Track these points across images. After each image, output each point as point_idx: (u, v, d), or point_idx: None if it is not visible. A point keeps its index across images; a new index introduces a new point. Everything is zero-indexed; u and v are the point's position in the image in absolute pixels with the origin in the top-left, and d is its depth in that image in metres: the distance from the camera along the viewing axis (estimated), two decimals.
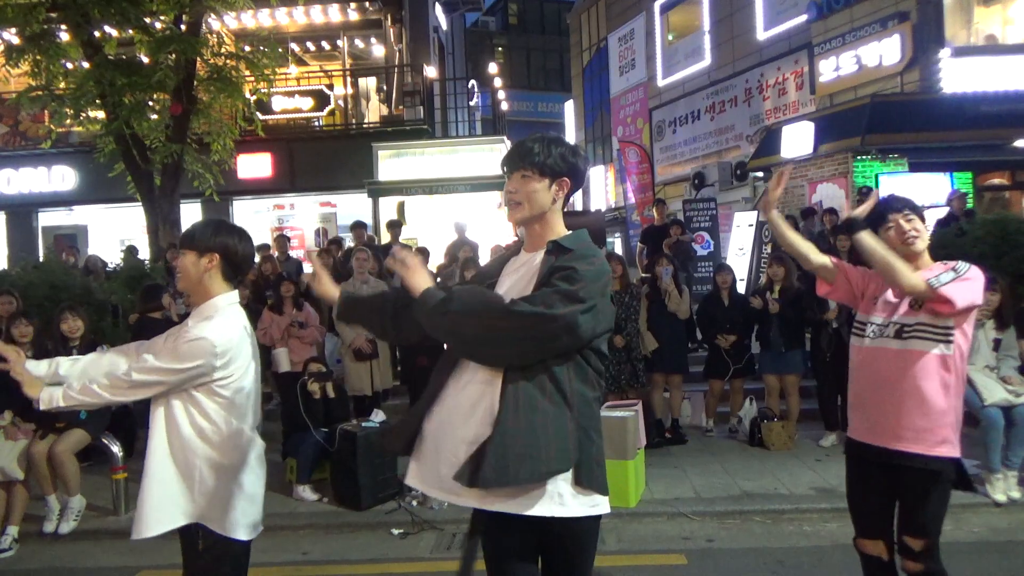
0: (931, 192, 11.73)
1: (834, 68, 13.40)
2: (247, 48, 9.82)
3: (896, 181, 11.82)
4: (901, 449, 2.73)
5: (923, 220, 2.88)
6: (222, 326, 2.49)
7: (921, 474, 2.72)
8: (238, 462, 2.54)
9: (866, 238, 2.78)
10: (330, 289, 2.53)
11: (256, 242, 12.14)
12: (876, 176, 11.87)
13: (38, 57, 8.84)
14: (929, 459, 2.70)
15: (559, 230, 2.31)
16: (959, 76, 11.75)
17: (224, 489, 2.50)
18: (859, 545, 2.96)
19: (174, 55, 8.79)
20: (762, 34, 16.61)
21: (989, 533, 4.68)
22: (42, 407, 2.46)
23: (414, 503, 5.42)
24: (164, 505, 2.47)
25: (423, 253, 8.61)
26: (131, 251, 9.89)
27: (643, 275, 8.86)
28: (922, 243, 2.82)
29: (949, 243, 7.45)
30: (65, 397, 2.45)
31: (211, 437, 2.48)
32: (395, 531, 5.09)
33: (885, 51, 12.46)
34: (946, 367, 2.71)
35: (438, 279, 8.29)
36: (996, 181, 12.84)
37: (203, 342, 2.41)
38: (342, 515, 5.39)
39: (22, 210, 14.50)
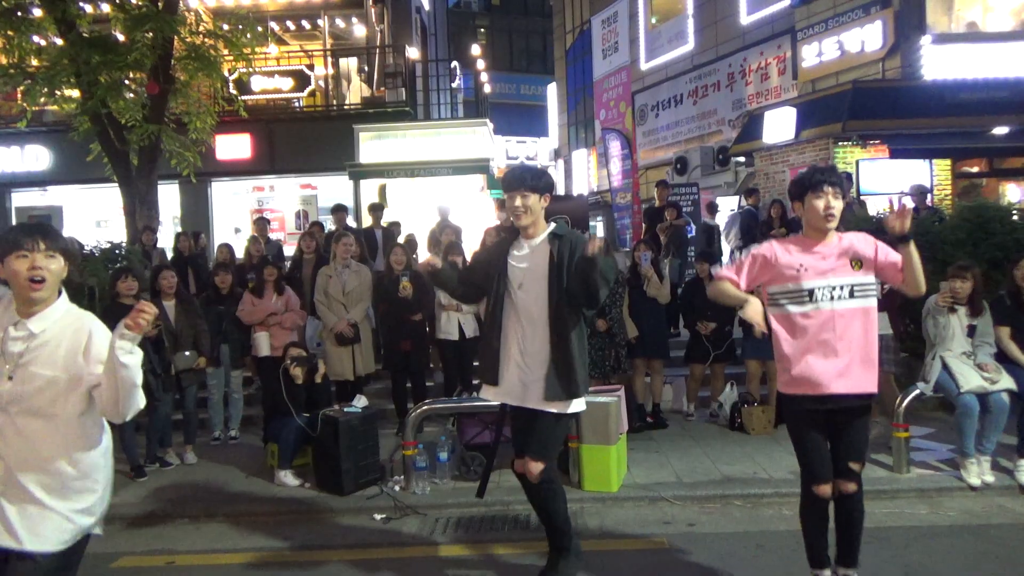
0: (910, 178, 11.84)
1: (816, 53, 13.44)
2: (225, 26, 9.64)
3: (876, 167, 11.91)
4: (862, 391, 3.26)
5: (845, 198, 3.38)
6: None
7: (866, 407, 3.35)
8: None
9: (913, 251, 3.20)
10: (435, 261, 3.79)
11: (236, 224, 11.87)
12: (856, 162, 11.95)
13: (10, 33, 8.64)
14: (872, 394, 3.32)
15: (545, 224, 3.70)
16: (940, 63, 11.82)
17: None
18: (819, 492, 3.32)
19: (151, 33, 8.62)
20: (745, 18, 16.61)
21: (964, 517, 4.76)
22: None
23: (396, 488, 5.42)
24: None
25: (412, 244, 8.52)
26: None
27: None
28: (836, 223, 3.30)
29: (927, 230, 7.53)
30: None
31: None
32: (377, 516, 5.09)
33: (867, 37, 12.51)
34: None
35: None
36: (975, 169, 12.98)
37: None
38: (324, 500, 5.37)
39: None
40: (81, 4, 9.30)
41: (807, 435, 3.36)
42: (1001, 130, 11.63)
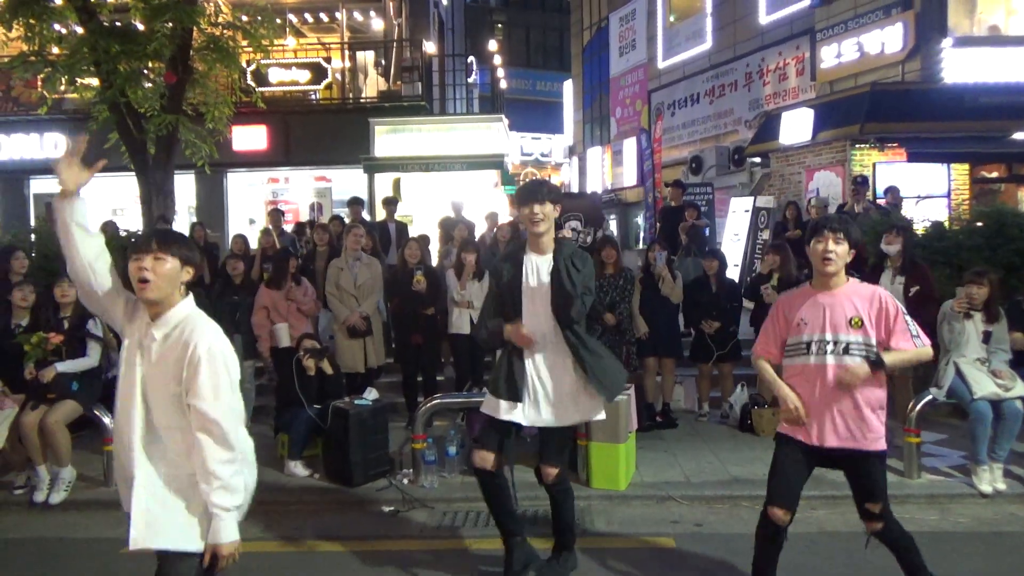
0: (928, 182, 11.75)
1: (835, 55, 13.33)
2: (244, 18, 9.68)
3: (893, 170, 11.82)
4: (854, 448, 3.21)
5: (852, 246, 3.26)
6: None
7: (879, 460, 3.27)
8: None
9: (890, 361, 3.21)
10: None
11: (250, 215, 11.87)
12: (873, 165, 11.85)
13: (31, 21, 8.71)
14: (870, 452, 3.24)
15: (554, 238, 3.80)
16: (960, 66, 11.69)
17: None
18: (771, 515, 3.29)
19: (170, 23, 8.67)
20: (764, 18, 16.49)
21: (976, 524, 4.73)
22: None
23: (405, 481, 5.44)
24: None
25: (423, 241, 8.55)
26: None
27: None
28: (835, 267, 3.22)
29: (943, 235, 7.48)
30: None
31: None
32: (386, 508, 5.12)
33: (887, 39, 12.38)
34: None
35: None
36: (993, 174, 12.85)
37: None
38: (333, 492, 5.40)
39: (14, 177, 14.34)
40: None
41: (781, 457, 3.38)
42: (1021, 135, 11.50)
